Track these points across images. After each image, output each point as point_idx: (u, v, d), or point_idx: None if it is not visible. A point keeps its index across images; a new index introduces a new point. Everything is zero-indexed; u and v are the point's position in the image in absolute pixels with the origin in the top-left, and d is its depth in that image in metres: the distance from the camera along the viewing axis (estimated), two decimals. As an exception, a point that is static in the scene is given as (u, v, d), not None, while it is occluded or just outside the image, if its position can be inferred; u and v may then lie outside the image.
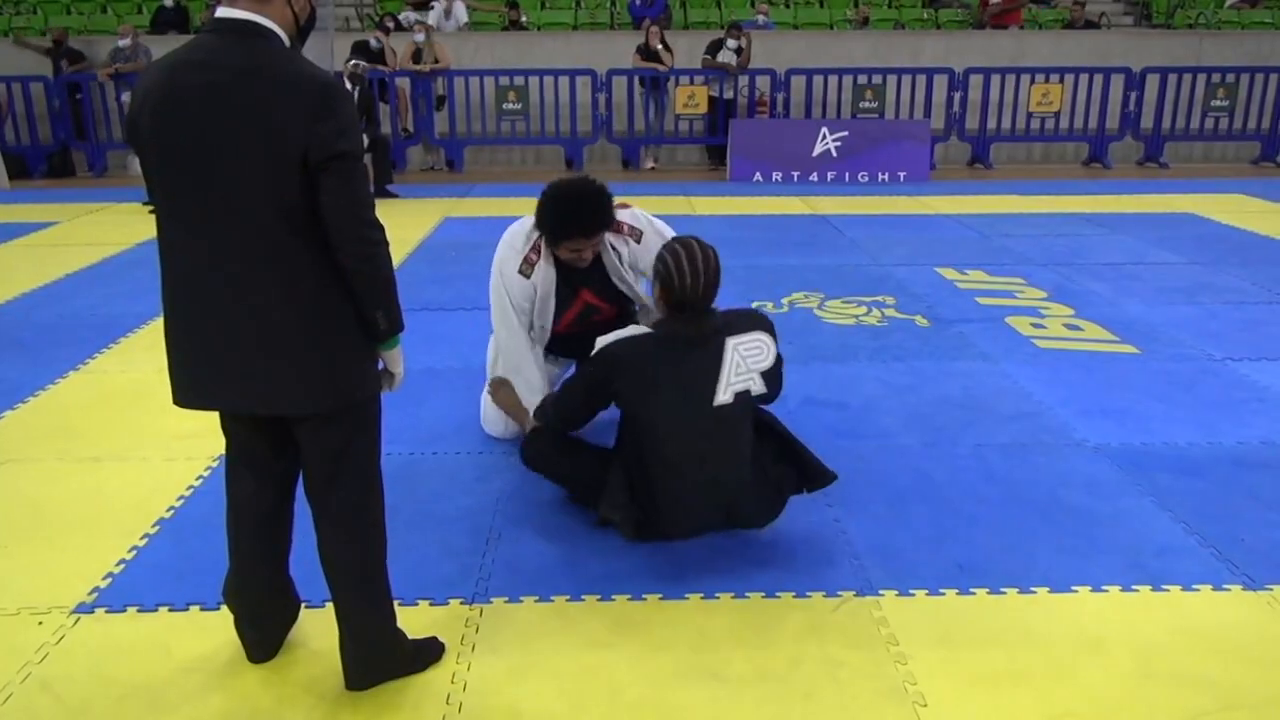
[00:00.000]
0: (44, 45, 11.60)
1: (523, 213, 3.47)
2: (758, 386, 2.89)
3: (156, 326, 5.22)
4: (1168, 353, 4.78)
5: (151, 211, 8.07)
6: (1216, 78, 11.44)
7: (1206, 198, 9.18)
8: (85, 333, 5.14)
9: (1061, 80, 11.30)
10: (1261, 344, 4.90)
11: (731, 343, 2.85)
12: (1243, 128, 11.63)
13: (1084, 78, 11.27)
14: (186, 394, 2.16)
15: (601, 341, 2.89)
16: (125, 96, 10.96)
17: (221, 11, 2.01)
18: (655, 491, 2.87)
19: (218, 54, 1.98)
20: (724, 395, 2.83)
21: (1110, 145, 11.50)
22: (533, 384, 3.48)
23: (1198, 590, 2.79)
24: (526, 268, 3.31)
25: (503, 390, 3.62)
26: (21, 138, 11.25)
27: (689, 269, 2.79)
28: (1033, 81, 11.30)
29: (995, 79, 11.25)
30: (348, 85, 8.87)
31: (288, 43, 2.05)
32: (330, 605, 2.31)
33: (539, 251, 3.35)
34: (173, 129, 1.98)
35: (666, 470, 2.85)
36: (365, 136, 8.75)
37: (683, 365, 2.81)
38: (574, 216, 3.25)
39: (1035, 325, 5.23)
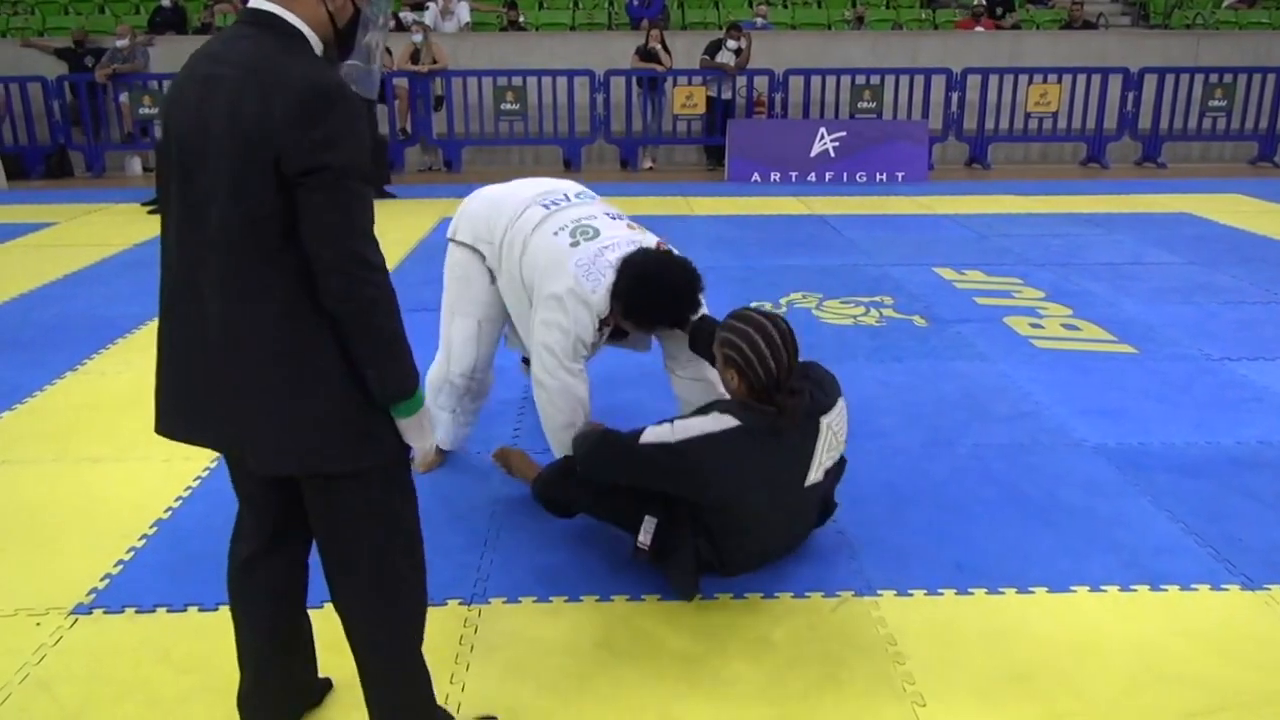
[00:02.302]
0: (50, 45, 11.59)
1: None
2: (842, 451, 2.77)
3: (154, 328, 5.21)
4: (1165, 352, 4.79)
5: (150, 212, 8.00)
6: (1214, 78, 11.45)
7: (1204, 198, 9.19)
8: (83, 334, 5.13)
9: (1059, 80, 11.31)
10: (1259, 344, 4.91)
11: (825, 421, 2.62)
12: (1240, 128, 11.64)
13: (1081, 78, 11.28)
14: (166, 421, 1.91)
15: (684, 431, 2.52)
16: (123, 97, 10.95)
17: (252, 2, 1.83)
18: (725, 551, 2.66)
19: (230, 45, 1.80)
20: (815, 475, 2.66)
21: (1108, 145, 11.51)
22: (579, 424, 3.06)
23: (1196, 590, 2.79)
24: (603, 327, 3.02)
25: (522, 459, 3.35)
26: (20, 138, 11.24)
27: (768, 350, 2.50)
28: (1030, 82, 11.31)
29: (993, 79, 11.26)
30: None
31: (319, 44, 1.81)
32: (326, 606, 2.17)
33: (614, 317, 3.03)
34: (174, 123, 1.80)
35: (745, 541, 2.66)
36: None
37: (776, 455, 2.55)
38: (673, 309, 2.92)
39: (1033, 325, 5.23)
